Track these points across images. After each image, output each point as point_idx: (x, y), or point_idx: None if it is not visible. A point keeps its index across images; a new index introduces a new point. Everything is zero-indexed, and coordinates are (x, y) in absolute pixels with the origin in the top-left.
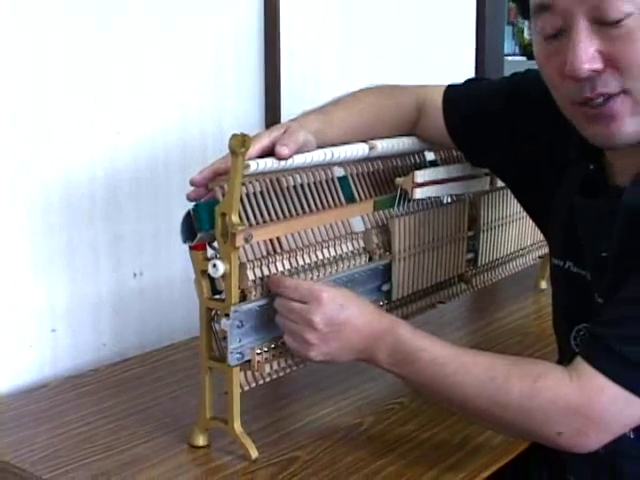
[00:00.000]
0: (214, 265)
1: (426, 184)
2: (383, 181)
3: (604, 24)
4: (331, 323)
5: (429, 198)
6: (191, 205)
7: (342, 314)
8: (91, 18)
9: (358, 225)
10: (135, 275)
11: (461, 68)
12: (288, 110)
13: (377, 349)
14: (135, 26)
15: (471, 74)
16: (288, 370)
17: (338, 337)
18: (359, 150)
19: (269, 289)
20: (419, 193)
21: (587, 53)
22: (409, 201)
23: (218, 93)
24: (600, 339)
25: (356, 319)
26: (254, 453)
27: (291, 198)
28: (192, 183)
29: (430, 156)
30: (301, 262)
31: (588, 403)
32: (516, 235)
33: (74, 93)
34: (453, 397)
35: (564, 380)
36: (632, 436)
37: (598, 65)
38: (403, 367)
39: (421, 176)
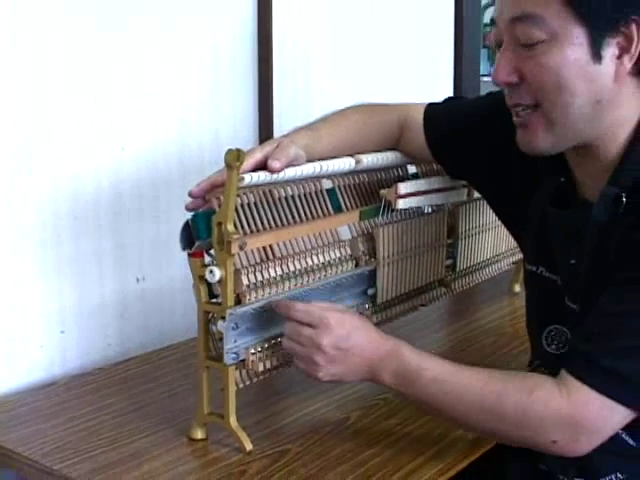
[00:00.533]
0: (211, 271)
1: (408, 195)
2: (368, 192)
3: (522, 46)
4: (338, 347)
5: (411, 208)
6: (190, 215)
7: (350, 339)
8: (97, 41)
9: (345, 233)
10: (138, 280)
11: (441, 87)
12: (280, 126)
13: (382, 370)
14: (138, 48)
15: (450, 93)
16: (281, 368)
17: (345, 360)
18: (346, 164)
19: (279, 311)
20: (402, 204)
21: (506, 67)
22: (392, 211)
23: (215, 110)
24: (583, 354)
25: (362, 343)
26: (249, 446)
27: (282, 208)
28: (190, 195)
29: (412, 169)
30: (292, 268)
31: (578, 414)
32: (492, 242)
33: (84, 113)
34: (454, 412)
35: (555, 394)
36: None
37: (513, 79)
38: (407, 386)
39: (404, 188)
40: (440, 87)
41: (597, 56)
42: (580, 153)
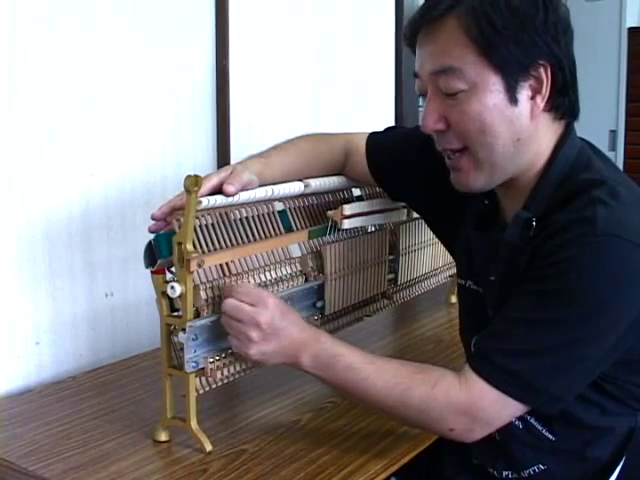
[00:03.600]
0: (172, 287)
1: (353, 216)
2: (317, 213)
3: (446, 95)
4: (273, 326)
5: (356, 228)
6: (152, 236)
7: (283, 320)
8: (74, 72)
9: (295, 251)
10: (107, 295)
11: (383, 117)
12: (236, 155)
13: (303, 353)
14: (108, 84)
15: (391, 122)
16: (237, 375)
17: (276, 339)
18: (296, 187)
19: (224, 294)
20: (347, 223)
21: (433, 116)
22: (339, 230)
23: (177, 141)
24: (484, 351)
25: (292, 326)
26: (208, 447)
27: (238, 229)
28: (153, 217)
29: (357, 192)
30: (252, 282)
31: (473, 405)
32: (430, 258)
33: (55, 143)
34: (364, 397)
35: (455, 385)
36: (520, 426)
37: (441, 126)
38: (324, 370)
39: (349, 209)
40: (382, 117)
41: (513, 99)
42: (502, 184)
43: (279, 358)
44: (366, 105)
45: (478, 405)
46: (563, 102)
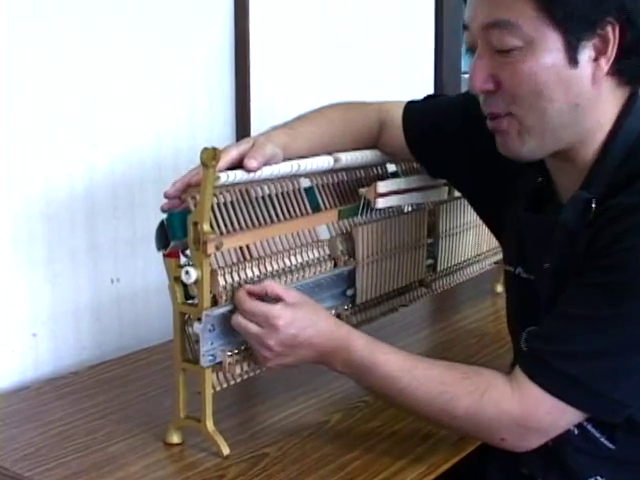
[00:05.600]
0: (187, 272)
1: (388, 194)
2: (347, 191)
3: (497, 52)
4: (285, 346)
5: (391, 207)
6: (164, 215)
7: (297, 338)
8: (76, 38)
9: (324, 233)
10: (112, 281)
11: (421, 85)
12: (257, 126)
13: (333, 361)
14: (119, 49)
15: (430, 90)
16: (258, 371)
17: (293, 354)
18: (324, 162)
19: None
20: (381, 202)
21: (481, 74)
22: (372, 210)
23: (191, 107)
24: (538, 352)
25: (311, 340)
26: (226, 450)
27: (260, 208)
28: (166, 195)
29: (392, 168)
30: (270, 268)
31: (527, 414)
32: (473, 242)
33: (57, 113)
34: (406, 406)
35: (506, 394)
36: (576, 432)
37: (490, 86)
38: (359, 378)
39: (383, 186)
40: (420, 84)
41: (573, 60)
42: (557, 156)
43: (306, 362)
44: (402, 71)
45: (533, 414)
46: (630, 66)
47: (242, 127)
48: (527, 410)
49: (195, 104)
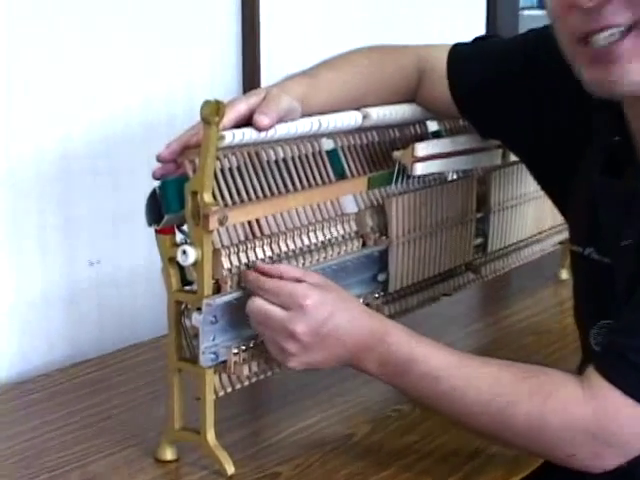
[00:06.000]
0: (184, 251)
1: (428, 158)
2: (378, 155)
3: None
4: (315, 334)
5: (431, 174)
6: (157, 183)
7: (328, 324)
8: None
9: (350, 205)
10: (91, 264)
11: (470, 24)
12: (268, 75)
13: (365, 359)
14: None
15: (481, 31)
16: (269, 373)
17: (322, 347)
18: (351, 119)
19: (247, 285)
20: (420, 168)
21: None
22: (408, 178)
23: (188, 55)
24: (617, 349)
25: (344, 328)
26: (230, 468)
27: (272, 174)
28: (159, 159)
29: (433, 126)
30: (284, 248)
31: (604, 425)
32: (533, 217)
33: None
34: (449, 414)
35: (577, 398)
36: None
37: None
38: (394, 379)
39: (422, 149)
40: (470, 24)
41: None
42: None
43: (332, 364)
44: (448, 10)
45: (610, 425)
46: None
47: (250, 74)
48: (603, 418)
49: (192, 48)
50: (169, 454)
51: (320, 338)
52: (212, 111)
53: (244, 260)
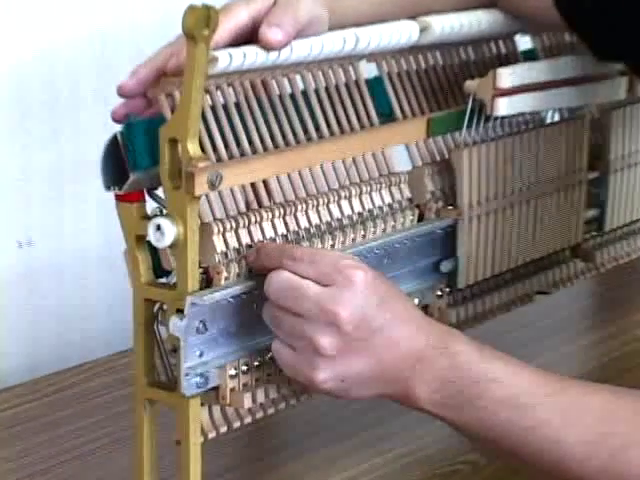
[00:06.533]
0: (158, 227)
1: (516, 91)
2: (443, 86)
3: None
4: (363, 324)
5: (521, 115)
6: (119, 128)
7: (383, 312)
8: None
9: (401, 161)
10: (21, 245)
11: None
12: None
13: (416, 379)
14: None
15: None
16: (283, 405)
17: (365, 350)
18: (403, 33)
19: (261, 264)
20: (505, 106)
21: None
22: (487, 120)
23: None
24: None
25: (397, 326)
26: None
27: (287, 115)
28: (120, 91)
29: (524, 43)
30: (303, 223)
31: None
32: None
33: None
34: (541, 460)
35: None
36: None
37: None
38: (456, 410)
39: (508, 77)
40: None
41: None
42: None
43: (372, 388)
44: None
45: None
46: None
47: None
48: None
49: None
50: None
51: (368, 333)
52: (199, 21)
53: (246, 240)
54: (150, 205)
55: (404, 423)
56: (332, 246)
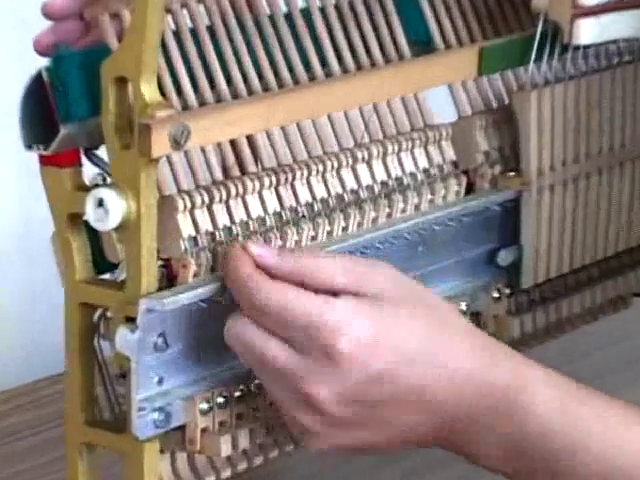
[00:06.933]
0: (99, 202)
1: (606, 9)
2: (501, 4)
3: None
4: (353, 403)
5: (613, 43)
6: (45, 62)
7: (383, 385)
8: None
9: (442, 109)
10: None
11: None
12: None
13: (478, 433)
14: None
15: None
16: (275, 452)
17: (372, 421)
18: None
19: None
20: (589, 31)
21: None
22: (564, 51)
23: None
24: None
25: (428, 378)
26: None
27: (281, 44)
28: (45, 11)
29: None
30: (304, 196)
31: None
32: None
33: None
34: None
35: None
36: None
37: None
38: (537, 475)
39: None
40: None
41: None
42: None
43: (398, 441)
44: None
45: None
46: None
47: None
48: None
49: None
50: None
51: (364, 410)
52: None
53: (223, 222)
54: (89, 171)
55: (424, 467)
56: (344, 229)
